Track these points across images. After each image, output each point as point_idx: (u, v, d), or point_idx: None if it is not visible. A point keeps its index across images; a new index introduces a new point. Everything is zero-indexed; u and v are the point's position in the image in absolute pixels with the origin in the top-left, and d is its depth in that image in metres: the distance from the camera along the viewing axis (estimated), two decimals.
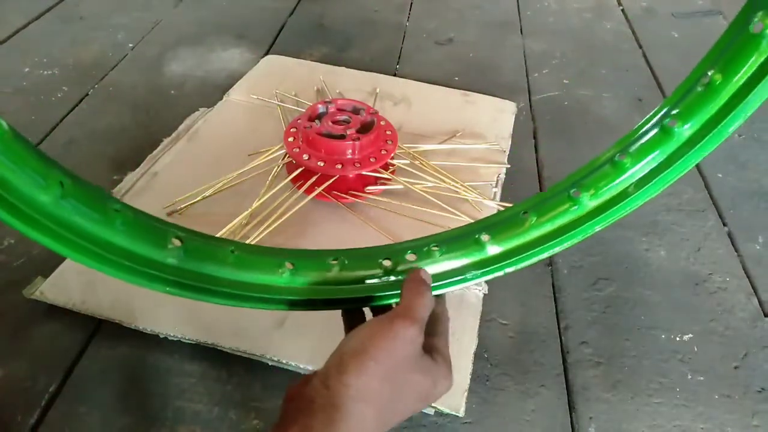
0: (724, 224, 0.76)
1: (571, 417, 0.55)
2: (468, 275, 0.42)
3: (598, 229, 0.41)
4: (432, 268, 0.42)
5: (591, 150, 0.87)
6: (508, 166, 0.80)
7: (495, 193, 0.75)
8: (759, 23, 0.34)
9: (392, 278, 0.42)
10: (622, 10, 1.27)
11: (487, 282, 0.63)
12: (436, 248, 0.42)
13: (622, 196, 0.40)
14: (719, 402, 0.57)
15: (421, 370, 0.34)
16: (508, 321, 0.62)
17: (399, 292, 0.39)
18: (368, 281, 0.42)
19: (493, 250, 0.42)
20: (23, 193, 0.29)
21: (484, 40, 1.13)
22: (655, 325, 0.63)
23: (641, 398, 0.57)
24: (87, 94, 0.91)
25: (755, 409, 0.56)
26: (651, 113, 0.41)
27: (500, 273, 0.42)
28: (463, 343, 0.58)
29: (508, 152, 0.82)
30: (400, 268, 0.42)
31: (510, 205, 0.71)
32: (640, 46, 1.14)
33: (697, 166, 0.83)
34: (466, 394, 0.54)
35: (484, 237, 0.42)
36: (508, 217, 0.43)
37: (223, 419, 0.52)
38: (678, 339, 0.62)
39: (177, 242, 0.37)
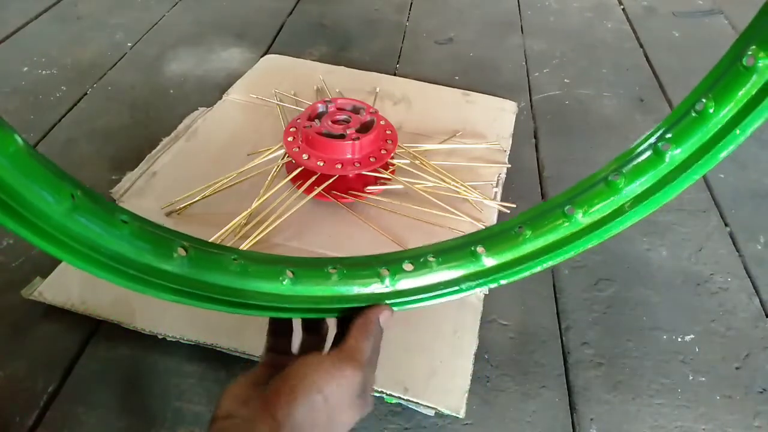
0: (726, 224, 0.75)
1: (572, 418, 0.55)
2: (463, 286, 0.43)
3: (590, 245, 0.42)
4: (428, 278, 0.43)
5: (592, 149, 0.88)
6: (509, 165, 0.79)
7: (495, 192, 0.75)
8: (751, 57, 0.34)
9: (388, 288, 0.43)
10: (623, 10, 1.27)
11: None
12: (432, 259, 0.43)
13: (616, 213, 0.41)
14: (721, 403, 0.56)
15: (356, 407, 0.37)
16: (509, 322, 0.62)
17: (393, 300, 0.41)
18: (364, 290, 0.43)
19: (488, 262, 0.44)
20: (36, 207, 0.30)
21: (485, 40, 1.13)
22: (657, 325, 0.63)
23: (642, 399, 0.56)
24: (86, 94, 0.91)
25: (757, 409, 0.56)
26: (647, 134, 0.42)
27: (495, 285, 0.43)
28: (463, 344, 0.58)
29: (508, 152, 0.82)
30: (397, 277, 0.43)
31: (511, 204, 0.72)
32: (641, 46, 1.14)
33: None
34: (466, 395, 0.53)
35: (480, 249, 0.44)
36: (504, 231, 0.44)
37: None
38: (679, 339, 0.62)
39: (182, 251, 0.38)
